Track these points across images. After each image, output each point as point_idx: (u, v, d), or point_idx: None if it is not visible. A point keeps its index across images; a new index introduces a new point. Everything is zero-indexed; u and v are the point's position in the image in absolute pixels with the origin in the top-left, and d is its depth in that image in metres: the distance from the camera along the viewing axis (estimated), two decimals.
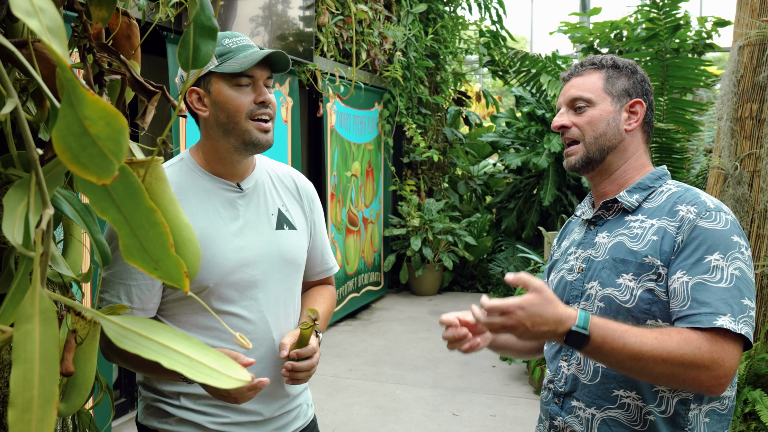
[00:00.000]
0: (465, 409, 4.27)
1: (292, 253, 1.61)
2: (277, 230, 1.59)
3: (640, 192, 1.44)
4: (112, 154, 0.56)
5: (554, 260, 1.62)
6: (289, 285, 1.61)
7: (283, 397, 1.60)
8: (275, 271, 1.57)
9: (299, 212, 1.68)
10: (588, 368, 1.40)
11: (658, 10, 6.07)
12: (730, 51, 3.52)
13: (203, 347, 0.62)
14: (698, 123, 5.66)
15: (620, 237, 1.41)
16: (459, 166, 8.53)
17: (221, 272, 1.48)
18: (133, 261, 0.65)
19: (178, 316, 1.51)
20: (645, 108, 1.46)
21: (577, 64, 1.52)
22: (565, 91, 1.50)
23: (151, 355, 0.60)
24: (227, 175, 1.56)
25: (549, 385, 1.51)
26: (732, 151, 3.43)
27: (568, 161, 1.48)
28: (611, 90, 1.45)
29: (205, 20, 0.73)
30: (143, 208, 0.62)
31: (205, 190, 1.53)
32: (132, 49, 1.04)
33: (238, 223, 1.54)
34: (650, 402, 1.34)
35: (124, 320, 0.62)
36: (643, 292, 1.33)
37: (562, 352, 1.48)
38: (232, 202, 1.55)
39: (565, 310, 1.23)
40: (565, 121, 1.47)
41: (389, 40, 6.82)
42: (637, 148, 1.48)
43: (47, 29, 0.53)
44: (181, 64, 0.73)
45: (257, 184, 1.60)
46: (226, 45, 1.47)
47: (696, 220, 1.32)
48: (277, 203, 1.62)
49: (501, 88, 11.78)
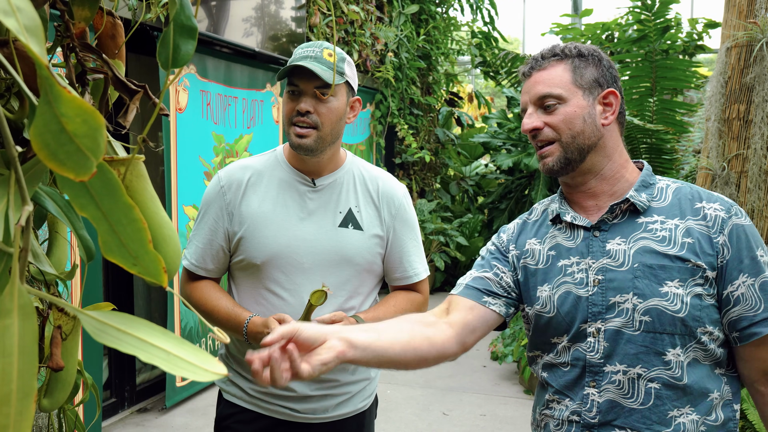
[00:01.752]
0: (455, 408, 4.29)
1: (349, 251, 1.67)
2: (339, 227, 1.67)
3: (644, 190, 1.32)
4: (90, 151, 0.57)
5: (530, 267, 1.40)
6: (342, 280, 1.67)
7: (323, 380, 1.65)
8: (327, 264, 1.65)
9: (373, 215, 1.72)
10: (637, 391, 1.25)
11: (648, 11, 6.10)
12: (718, 52, 3.54)
13: (180, 341, 0.63)
14: (688, 124, 5.70)
15: (643, 242, 1.27)
16: (451, 166, 8.55)
17: (269, 253, 1.63)
18: (112, 257, 0.65)
19: (240, 285, 1.72)
20: (619, 98, 1.33)
21: (537, 55, 1.37)
22: (529, 88, 1.34)
23: (128, 349, 0.61)
24: (304, 170, 1.69)
25: (573, 417, 1.31)
26: (720, 151, 3.45)
27: (545, 163, 1.33)
28: (581, 82, 1.30)
29: (185, 20, 0.74)
30: (121, 204, 0.63)
31: (280, 179, 1.69)
32: (116, 49, 1.04)
33: (301, 214, 1.66)
34: (703, 413, 1.27)
35: (102, 315, 0.63)
36: (693, 297, 1.23)
37: (586, 378, 1.30)
38: (302, 194, 1.68)
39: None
40: (536, 122, 1.31)
41: (381, 41, 6.84)
42: (617, 143, 1.35)
43: (24, 28, 0.54)
44: (161, 63, 0.73)
45: (335, 183, 1.71)
46: (295, 53, 1.63)
47: (730, 218, 1.26)
48: (350, 203, 1.70)
49: (493, 89, 11.81)
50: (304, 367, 1.05)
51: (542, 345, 1.38)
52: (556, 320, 1.33)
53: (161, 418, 4.13)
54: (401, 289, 1.81)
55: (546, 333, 1.36)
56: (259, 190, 1.67)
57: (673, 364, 1.23)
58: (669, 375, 1.23)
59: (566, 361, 1.32)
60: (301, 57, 1.59)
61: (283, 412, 1.66)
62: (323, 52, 1.60)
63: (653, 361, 1.24)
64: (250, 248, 1.64)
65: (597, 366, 1.28)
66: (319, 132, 1.60)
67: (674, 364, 1.23)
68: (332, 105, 1.62)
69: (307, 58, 1.59)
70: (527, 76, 1.37)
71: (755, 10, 3.31)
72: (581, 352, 1.30)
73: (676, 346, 1.23)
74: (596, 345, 1.28)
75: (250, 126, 4.95)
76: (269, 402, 1.66)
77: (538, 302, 1.36)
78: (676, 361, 1.23)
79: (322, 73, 1.56)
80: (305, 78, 1.59)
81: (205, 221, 1.69)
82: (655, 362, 1.24)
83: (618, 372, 1.26)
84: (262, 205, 1.66)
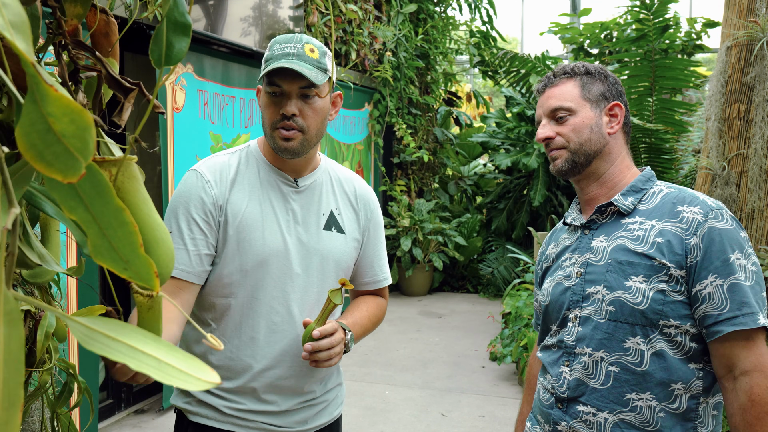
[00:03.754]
0: (454, 409, 4.27)
1: (334, 254, 1.61)
2: (323, 230, 1.61)
3: (633, 194, 1.45)
4: (78, 152, 0.55)
5: (545, 267, 1.61)
6: (326, 285, 1.61)
7: (305, 393, 1.60)
8: (314, 269, 1.58)
9: (353, 218, 1.68)
10: (599, 373, 1.40)
11: (647, 10, 6.09)
12: (718, 52, 3.53)
13: (172, 349, 0.61)
14: (687, 123, 5.69)
15: (620, 240, 1.41)
16: (449, 166, 8.53)
17: (259, 258, 1.52)
18: (103, 261, 0.63)
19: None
20: (624, 110, 1.48)
21: (550, 75, 1.53)
22: (542, 102, 1.51)
23: (118, 357, 0.59)
24: (285, 169, 1.60)
25: (550, 389, 1.49)
26: (720, 151, 3.44)
27: (555, 165, 1.49)
28: (588, 96, 1.47)
29: (178, 16, 0.72)
30: (111, 207, 0.61)
31: (263, 179, 1.59)
32: (110, 47, 1.02)
33: (286, 216, 1.58)
34: (664, 400, 1.36)
35: (91, 321, 0.61)
36: (655, 293, 1.34)
37: (562, 358, 1.47)
38: (285, 195, 1.59)
39: None
40: (549, 132, 1.48)
41: (379, 40, 6.82)
42: (621, 150, 1.49)
43: (10, 24, 0.52)
44: (154, 61, 0.71)
45: (315, 184, 1.64)
46: (273, 50, 1.50)
47: (706, 221, 1.34)
48: (330, 205, 1.64)
49: (491, 88, 11.80)
50: None
51: (545, 332, 1.57)
52: (550, 308, 1.52)
53: (158, 420, 4.11)
54: (367, 294, 1.78)
55: (546, 321, 1.55)
56: (245, 188, 1.56)
57: (632, 351, 1.36)
58: (628, 361, 1.36)
59: (554, 343, 1.50)
60: (282, 55, 1.47)
61: (263, 428, 1.57)
62: (305, 48, 1.48)
63: (614, 347, 1.37)
64: (241, 253, 1.53)
65: (570, 348, 1.45)
66: (306, 135, 1.51)
67: (633, 351, 1.36)
68: (318, 105, 1.52)
69: (290, 56, 1.47)
70: (541, 92, 1.53)
71: (755, 9, 3.29)
72: (563, 335, 1.47)
73: (636, 335, 1.35)
74: (573, 329, 1.45)
75: (248, 125, 4.93)
76: (247, 420, 1.56)
77: (541, 294, 1.57)
78: (635, 349, 1.35)
79: (309, 74, 1.45)
80: (289, 78, 1.46)
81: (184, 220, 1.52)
82: (615, 348, 1.37)
83: (585, 354, 1.41)
84: (249, 204, 1.55)
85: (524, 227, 7.67)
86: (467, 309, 7.08)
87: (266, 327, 1.54)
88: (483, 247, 8.17)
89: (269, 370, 1.54)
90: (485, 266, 7.71)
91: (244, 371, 1.54)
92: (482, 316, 6.62)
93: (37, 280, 1.07)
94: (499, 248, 7.88)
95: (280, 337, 1.54)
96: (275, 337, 1.54)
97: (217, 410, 1.55)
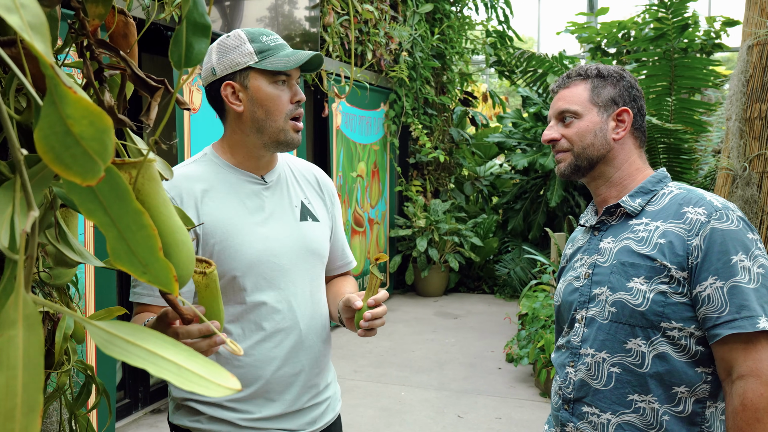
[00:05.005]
0: (470, 411, 4.25)
1: (315, 243, 1.62)
2: (301, 221, 1.61)
3: (642, 196, 1.45)
4: (97, 155, 0.54)
5: (561, 267, 1.64)
6: (314, 276, 1.62)
7: (313, 387, 1.60)
8: (301, 261, 1.59)
9: (321, 206, 1.70)
10: (601, 374, 1.40)
11: (666, 9, 6.02)
12: (739, 51, 3.48)
13: (191, 354, 0.60)
14: (706, 123, 5.62)
15: (626, 241, 1.41)
16: (465, 166, 8.50)
17: (248, 261, 1.51)
18: (121, 264, 0.63)
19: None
20: (632, 115, 1.47)
21: (564, 76, 1.56)
22: (553, 103, 1.54)
23: (137, 362, 0.58)
24: (252, 169, 1.59)
25: (558, 391, 1.51)
26: (741, 152, 3.39)
27: (558, 168, 1.52)
28: (597, 100, 1.47)
29: (198, 17, 0.71)
30: (131, 210, 0.60)
31: (230, 183, 1.55)
32: (128, 47, 1.02)
33: (263, 213, 1.56)
34: (666, 403, 1.35)
35: (110, 326, 0.60)
36: (656, 294, 1.33)
37: (568, 359, 1.48)
38: (257, 193, 1.57)
39: None
40: (554, 134, 1.50)
41: (395, 40, 6.80)
42: (629, 155, 1.49)
43: (29, 26, 0.51)
44: (174, 62, 0.71)
45: (280, 178, 1.63)
46: (265, 42, 1.50)
47: (709, 222, 1.32)
48: (299, 196, 1.65)
49: (508, 88, 11.75)
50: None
51: (558, 333, 1.59)
52: (561, 308, 1.54)
53: None
54: (338, 277, 1.81)
55: (559, 321, 1.57)
56: (215, 198, 1.52)
57: (633, 352, 1.36)
58: (629, 362, 1.36)
59: (563, 344, 1.52)
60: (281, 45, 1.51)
61: None
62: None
63: (616, 348, 1.38)
64: (228, 259, 1.49)
65: (576, 348, 1.46)
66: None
67: (635, 352, 1.36)
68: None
69: (285, 45, 1.52)
70: (555, 92, 1.55)
71: None
72: (570, 336, 1.49)
73: (637, 336, 1.35)
74: (579, 330, 1.46)
75: None
76: (262, 429, 1.53)
77: (555, 294, 1.59)
78: (636, 350, 1.35)
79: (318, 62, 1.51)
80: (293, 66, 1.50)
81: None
82: (617, 349, 1.38)
83: (588, 355, 1.42)
84: (224, 211, 1.51)
85: (541, 228, 7.63)
86: (483, 310, 7.05)
87: (271, 327, 1.53)
88: (499, 248, 8.13)
89: (280, 369, 1.54)
90: (501, 267, 7.67)
91: (257, 376, 1.53)
92: (498, 317, 6.59)
93: (57, 282, 1.07)
94: (516, 249, 7.84)
95: (285, 334, 1.55)
96: (280, 336, 1.54)
97: (232, 424, 1.51)
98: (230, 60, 1.49)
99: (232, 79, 1.49)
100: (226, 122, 1.58)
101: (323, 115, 5.81)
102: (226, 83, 1.50)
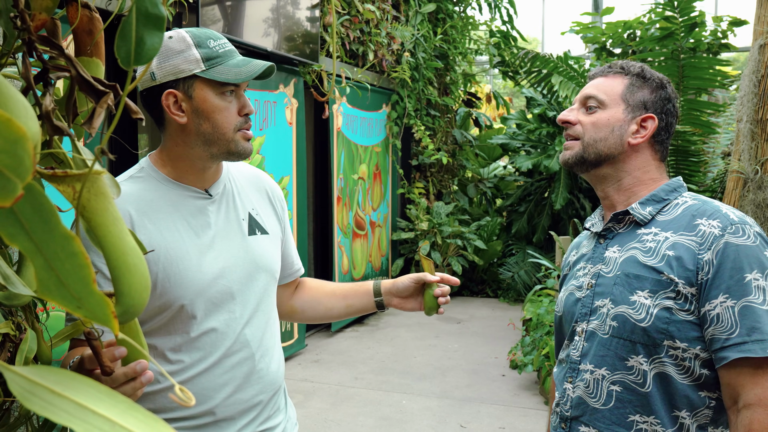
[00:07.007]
0: (473, 420, 4.14)
1: (266, 259, 1.50)
2: (249, 236, 1.48)
3: (653, 204, 1.36)
4: (10, 170, 0.45)
5: (564, 275, 1.54)
6: (265, 294, 1.50)
7: (264, 411, 1.49)
8: (251, 280, 1.46)
9: (271, 214, 1.58)
10: (600, 392, 1.32)
11: (674, 8, 5.91)
12: (749, 50, 3.37)
13: (131, 406, 0.51)
14: (715, 125, 5.52)
15: (632, 251, 1.33)
16: (469, 168, 8.40)
17: (196, 288, 1.37)
18: (51, 297, 0.53)
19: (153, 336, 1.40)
20: (657, 125, 1.37)
21: (607, 65, 1.46)
22: (584, 88, 1.44)
23: (62, 418, 0.48)
24: (196, 182, 1.44)
25: (556, 408, 1.43)
26: (752, 154, 3.29)
27: (563, 155, 1.43)
28: (628, 98, 1.38)
29: (150, 7, 0.61)
30: (57, 234, 0.50)
31: (172, 201, 1.40)
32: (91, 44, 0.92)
33: (209, 232, 1.42)
34: (669, 426, 1.26)
35: (34, 373, 0.51)
36: (660, 310, 1.24)
37: (567, 374, 1.39)
38: (202, 209, 1.43)
39: None
40: (571, 117, 1.41)
41: (397, 41, 6.71)
42: (645, 164, 1.40)
43: None
44: (121, 59, 0.61)
45: (225, 189, 1.49)
46: (213, 48, 1.35)
47: (723, 236, 1.23)
48: (246, 207, 1.52)
49: (511, 89, 11.65)
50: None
51: (559, 345, 1.51)
52: (563, 319, 1.46)
53: None
54: (287, 287, 1.71)
55: (560, 333, 1.50)
56: (155, 220, 1.36)
57: (635, 371, 1.27)
58: (630, 380, 1.28)
59: (563, 357, 1.44)
60: (231, 52, 1.37)
61: None
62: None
63: (617, 364, 1.29)
64: (174, 288, 1.35)
65: (575, 363, 1.38)
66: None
67: (636, 370, 1.27)
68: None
69: (234, 52, 1.38)
70: (591, 79, 1.46)
71: None
72: (570, 350, 1.41)
73: (639, 354, 1.27)
74: (579, 344, 1.38)
75: (263, 128, 4.85)
76: None
77: (557, 303, 1.51)
78: (638, 368, 1.27)
79: (272, 71, 1.40)
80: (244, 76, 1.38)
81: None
82: (618, 366, 1.29)
83: (587, 371, 1.34)
84: (166, 235, 1.36)
85: (545, 231, 7.52)
86: (487, 314, 6.94)
87: (220, 354, 1.40)
88: (503, 251, 8.03)
89: (232, 395, 1.42)
90: (505, 270, 7.57)
91: (207, 404, 1.40)
92: (502, 322, 6.48)
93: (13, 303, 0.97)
94: (520, 252, 7.73)
95: (235, 361, 1.42)
96: (230, 361, 1.42)
97: None
98: (173, 66, 1.33)
99: (174, 87, 1.33)
100: (166, 132, 1.40)
101: (324, 117, 5.71)
102: (168, 92, 1.34)
